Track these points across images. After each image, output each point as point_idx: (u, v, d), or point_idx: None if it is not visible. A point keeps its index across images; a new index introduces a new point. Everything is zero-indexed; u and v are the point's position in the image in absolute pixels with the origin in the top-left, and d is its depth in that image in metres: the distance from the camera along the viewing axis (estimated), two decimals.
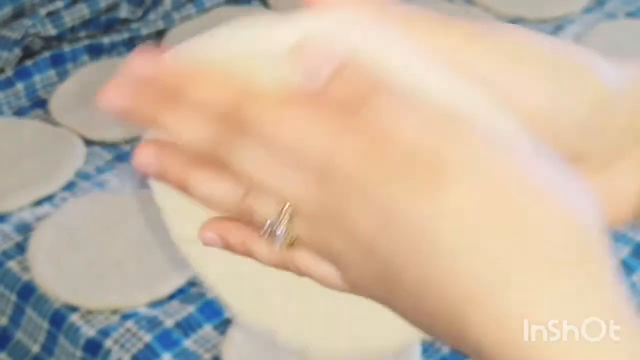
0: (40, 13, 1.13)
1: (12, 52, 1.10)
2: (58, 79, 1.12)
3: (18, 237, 0.91)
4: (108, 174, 0.99)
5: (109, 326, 0.82)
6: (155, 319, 0.82)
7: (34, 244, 0.89)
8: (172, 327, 0.82)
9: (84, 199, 0.95)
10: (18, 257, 0.89)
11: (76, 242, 0.89)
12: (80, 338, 0.82)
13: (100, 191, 0.97)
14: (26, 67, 1.10)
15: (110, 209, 0.93)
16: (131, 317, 0.82)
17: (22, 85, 1.09)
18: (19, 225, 0.92)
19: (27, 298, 0.86)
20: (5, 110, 1.08)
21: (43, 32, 1.13)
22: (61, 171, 0.98)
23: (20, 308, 0.86)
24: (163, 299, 0.85)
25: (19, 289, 0.87)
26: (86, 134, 1.04)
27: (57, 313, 0.84)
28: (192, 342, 0.81)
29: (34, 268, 0.87)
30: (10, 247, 0.90)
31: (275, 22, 0.34)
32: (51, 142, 1.02)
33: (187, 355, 0.80)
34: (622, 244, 0.91)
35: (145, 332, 0.81)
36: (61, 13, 1.15)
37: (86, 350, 0.81)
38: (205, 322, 0.83)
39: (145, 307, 0.84)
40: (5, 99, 1.09)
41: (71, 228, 0.91)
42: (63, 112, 1.07)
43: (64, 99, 1.09)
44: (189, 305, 0.84)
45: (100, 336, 0.81)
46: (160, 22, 1.21)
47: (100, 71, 1.14)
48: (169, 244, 0.96)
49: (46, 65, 1.12)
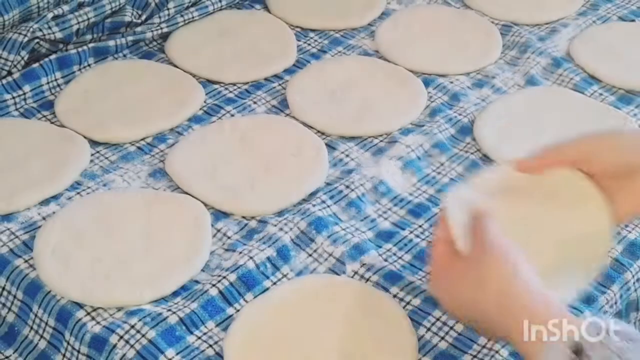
0: (46, 17, 1.14)
1: (19, 55, 1.11)
2: (64, 81, 1.13)
3: (24, 236, 0.91)
4: (113, 174, 1.00)
5: (114, 323, 0.82)
6: (160, 316, 0.83)
7: (40, 242, 0.89)
8: (176, 324, 0.82)
9: (90, 198, 0.96)
10: (24, 256, 0.89)
11: (82, 241, 0.90)
12: (85, 334, 0.82)
13: (106, 191, 0.97)
14: (33, 70, 1.11)
15: (115, 208, 0.94)
16: (136, 314, 0.83)
17: (28, 87, 1.10)
18: (26, 224, 0.93)
19: (33, 295, 0.86)
20: (12, 112, 1.09)
21: (49, 36, 1.13)
22: (67, 171, 0.99)
23: (27, 305, 0.87)
24: (167, 296, 0.86)
25: (25, 286, 0.87)
26: (92, 135, 1.05)
27: (63, 310, 0.84)
28: (196, 339, 0.82)
29: (40, 266, 0.87)
30: (17, 245, 0.90)
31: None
32: (57, 143, 1.02)
33: (191, 351, 0.81)
34: (615, 243, 0.92)
35: (149, 328, 0.81)
36: (67, 17, 1.16)
37: (91, 347, 0.82)
38: (208, 318, 0.84)
39: (150, 304, 0.85)
40: (12, 101, 1.09)
41: (77, 227, 0.91)
42: (69, 113, 1.07)
43: (70, 101, 1.09)
44: (192, 302, 0.84)
45: (105, 332, 0.81)
46: (164, 25, 1.22)
47: (106, 73, 1.15)
48: (172, 242, 0.98)
49: (52, 68, 1.12)
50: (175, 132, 1.07)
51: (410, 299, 0.86)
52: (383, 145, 1.06)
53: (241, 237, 0.93)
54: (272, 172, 1.00)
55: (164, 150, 1.04)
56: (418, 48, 1.22)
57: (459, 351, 0.81)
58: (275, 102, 1.13)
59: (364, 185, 0.99)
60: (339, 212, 0.96)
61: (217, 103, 1.12)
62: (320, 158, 1.02)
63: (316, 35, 1.26)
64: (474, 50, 1.22)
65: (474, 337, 0.82)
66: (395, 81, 1.15)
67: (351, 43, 1.25)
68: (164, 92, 1.11)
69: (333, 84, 1.14)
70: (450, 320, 0.83)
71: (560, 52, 1.23)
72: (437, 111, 1.11)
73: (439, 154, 1.05)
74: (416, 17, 1.30)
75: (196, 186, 0.98)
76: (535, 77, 1.17)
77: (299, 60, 1.20)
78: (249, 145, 1.03)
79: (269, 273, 0.88)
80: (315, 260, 0.90)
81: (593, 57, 1.21)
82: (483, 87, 1.16)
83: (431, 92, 1.14)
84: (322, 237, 0.92)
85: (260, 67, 1.18)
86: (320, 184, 0.99)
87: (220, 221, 0.95)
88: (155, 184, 0.99)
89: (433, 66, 1.19)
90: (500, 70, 1.20)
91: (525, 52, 1.22)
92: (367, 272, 0.88)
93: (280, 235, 0.92)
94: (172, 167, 1.00)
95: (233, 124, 1.07)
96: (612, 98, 1.15)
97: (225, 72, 1.16)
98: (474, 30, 1.27)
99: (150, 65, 1.17)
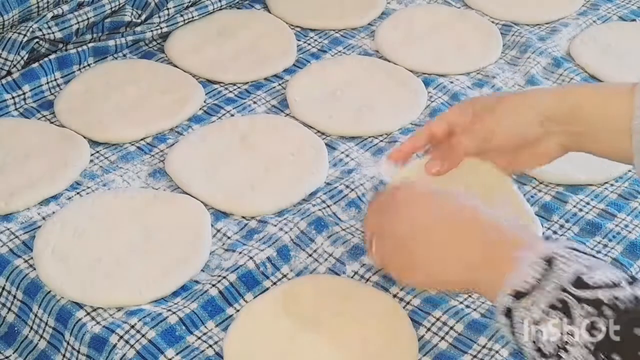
0: (46, 16, 1.14)
1: (18, 55, 1.11)
2: (64, 81, 1.13)
3: (24, 236, 0.91)
4: (113, 174, 1.00)
5: (113, 323, 0.82)
6: (160, 316, 0.82)
7: (40, 242, 0.89)
8: (176, 324, 0.82)
9: (89, 198, 0.95)
10: (24, 256, 0.89)
11: (81, 241, 0.90)
12: (85, 334, 0.82)
13: (106, 191, 0.97)
14: (33, 70, 1.11)
15: (115, 207, 0.94)
16: (136, 314, 0.83)
17: (28, 87, 1.10)
18: (26, 224, 0.93)
19: (33, 296, 0.86)
20: (12, 112, 1.09)
21: (49, 35, 1.13)
22: (67, 171, 0.99)
23: (26, 305, 0.87)
24: (167, 296, 0.86)
25: (25, 286, 0.87)
26: (91, 135, 1.05)
27: (63, 310, 0.84)
28: (195, 339, 0.82)
29: (40, 266, 0.87)
30: (16, 245, 0.90)
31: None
32: (57, 143, 1.02)
33: (190, 351, 0.81)
34: (615, 243, 0.93)
35: (149, 328, 0.81)
36: (67, 16, 1.16)
37: (91, 347, 0.82)
38: (208, 318, 0.84)
39: (150, 304, 0.85)
40: (12, 101, 1.09)
41: (77, 227, 0.91)
42: (69, 113, 1.07)
43: (69, 101, 1.09)
44: (192, 302, 0.84)
45: (105, 332, 0.81)
46: (164, 25, 1.22)
47: (105, 73, 1.15)
48: (172, 242, 0.98)
49: (52, 68, 1.12)
50: (175, 132, 1.07)
51: (410, 299, 0.86)
52: (383, 145, 1.06)
53: (241, 237, 0.93)
54: (272, 172, 1.00)
55: (164, 150, 1.04)
56: (418, 48, 1.22)
57: (459, 351, 0.81)
58: (275, 102, 1.13)
59: (364, 185, 0.99)
60: (339, 212, 0.96)
61: (217, 103, 1.12)
62: (320, 158, 1.02)
63: (316, 35, 1.26)
64: (474, 50, 1.22)
65: (474, 337, 0.82)
66: (395, 81, 1.15)
67: (351, 43, 1.25)
68: (164, 92, 1.11)
69: (333, 84, 1.14)
70: (450, 320, 0.83)
71: (561, 51, 1.23)
72: (437, 111, 1.11)
73: None
74: (416, 17, 1.30)
75: (196, 186, 0.98)
76: (536, 77, 1.17)
77: (299, 60, 1.20)
78: (249, 145, 1.03)
79: (269, 273, 0.88)
80: (315, 261, 0.90)
81: (593, 56, 1.21)
82: (483, 87, 1.16)
83: (431, 92, 1.14)
84: (322, 237, 0.92)
85: (260, 67, 1.18)
86: (320, 184, 0.99)
87: (220, 221, 0.95)
88: (155, 184, 0.99)
89: (433, 66, 1.19)
90: (501, 70, 1.20)
91: (526, 52, 1.22)
92: (367, 272, 0.88)
93: (280, 235, 0.92)
94: (172, 167, 1.00)
95: (233, 124, 1.07)
96: None
97: (225, 72, 1.16)
98: (474, 30, 1.27)
99: (150, 65, 1.17)
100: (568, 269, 0.60)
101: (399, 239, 0.73)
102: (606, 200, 0.99)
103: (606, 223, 0.95)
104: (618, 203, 0.98)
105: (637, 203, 0.98)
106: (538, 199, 0.98)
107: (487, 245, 0.67)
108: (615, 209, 0.97)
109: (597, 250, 0.92)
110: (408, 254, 0.72)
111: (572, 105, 0.78)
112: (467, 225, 0.69)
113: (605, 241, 0.93)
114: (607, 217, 0.96)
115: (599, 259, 0.62)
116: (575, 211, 0.97)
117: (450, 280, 0.71)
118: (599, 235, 0.94)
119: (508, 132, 0.81)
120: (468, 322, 0.83)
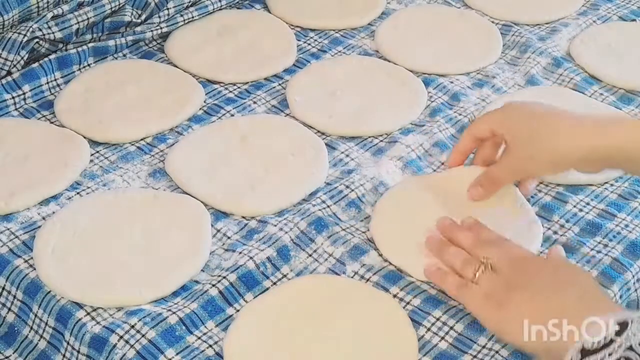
0: (46, 16, 1.14)
1: (18, 55, 1.11)
2: (64, 81, 1.13)
3: (24, 236, 0.91)
4: (113, 174, 1.00)
5: (113, 323, 0.82)
6: (160, 316, 0.82)
7: (39, 242, 0.89)
8: (176, 324, 0.82)
9: (89, 198, 0.95)
10: (24, 256, 0.89)
11: (82, 241, 0.90)
12: (85, 334, 0.82)
13: (106, 191, 0.97)
14: (32, 70, 1.11)
15: (115, 207, 0.94)
16: (136, 314, 0.83)
17: (28, 87, 1.10)
18: (26, 224, 0.93)
19: (33, 295, 0.86)
20: (12, 112, 1.09)
21: (49, 35, 1.13)
22: (67, 171, 0.98)
23: (26, 305, 0.87)
24: (167, 296, 0.86)
25: (25, 286, 0.87)
26: (91, 134, 1.05)
27: (63, 310, 0.84)
28: (195, 339, 0.82)
29: (39, 266, 0.87)
30: (16, 245, 0.90)
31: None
32: (57, 143, 1.02)
33: (190, 351, 0.81)
34: (615, 243, 0.93)
35: (149, 328, 0.81)
36: (67, 16, 1.16)
37: (91, 347, 0.82)
38: (208, 319, 0.84)
39: (150, 304, 0.85)
40: (12, 101, 1.09)
41: (76, 226, 0.91)
42: (69, 113, 1.07)
43: (69, 101, 1.09)
44: (192, 302, 0.84)
45: (105, 332, 0.81)
46: (164, 25, 1.22)
47: (105, 73, 1.15)
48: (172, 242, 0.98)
49: (52, 68, 1.12)
50: (175, 132, 1.07)
51: (410, 299, 0.86)
52: (383, 145, 1.06)
53: (241, 237, 0.93)
54: (272, 172, 1.00)
55: (163, 150, 1.04)
56: (418, 48, 1.22)
57: (459, 351, 0.81)
58: (275, 102, 1.13)
59: (364, 185, 0.99)
60: (339, 212, 0.96)
61: (217, 103, 1.12)
62: (320, 158, 1.02)
63: (316, 35, 1.26)
64: (474, 50, 1.22)
65: (474, 337, 0.82)
66: (395, 81, 1.15)
67: (351, 43, 1.25)
68: (164, 92, 1.11)
69: (333, 84, 1.14)
70: (451, 320, 0.83)
71: (561, 51, 1.23)
72: (437, 111, 1.11)
73: (439, 153, 1.05)
74: (416, 17, 1.30)
75: (196, 186, 0.98)
76: (536, 77, 1.17)
77: (299, 60, 1.20)
78: (249, 145, 1.03)
79: (269, 273, 0.88)
80: (315, 261, 0.90)
81: (593, 56, 1.21)
82: (483, 87, 1.16)
83: (431, 92, 1.14)
84: (322, 237, 0.92)
85: (260, 67, 1.18)
86: (320, 184, 0.99)
87: (220, 221, 0.95)
88: (155, 184, 0.99)
89: (433, 66, 1.19)
90: (501, 70, 1.20)
91: (526, 52, 1.22)
92: (367, 272, 0.88)
93: (280, 235, 0.92)
94: (172, 167, 1.00)
95: (233, 124, 1.07)
96: (613, 98, 1.15)
97: (225, 72, 1.16)
98: (474, 30, 1.27)
99: (150, 65, 1.17)
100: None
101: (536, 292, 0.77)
102: (606, 200, 0.99)
103: (606, 223, 0.95)
104: (618, 203, 0.98)
105: (637, 203, 0.98)
106: (538, 199, 0.98)
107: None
108: (616, 209, 0.97)
109: (597, 250, 0.92)
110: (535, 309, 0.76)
111: (609, 147, 0.83)
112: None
113: (605, 241, 0.93)
114: (607, 217, 0.96)
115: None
116: (575, 211, 0.97)
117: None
118: (599, 235, 0.94)
119: (541, 173, 0.95)
120: (468, 322, 0.83)
